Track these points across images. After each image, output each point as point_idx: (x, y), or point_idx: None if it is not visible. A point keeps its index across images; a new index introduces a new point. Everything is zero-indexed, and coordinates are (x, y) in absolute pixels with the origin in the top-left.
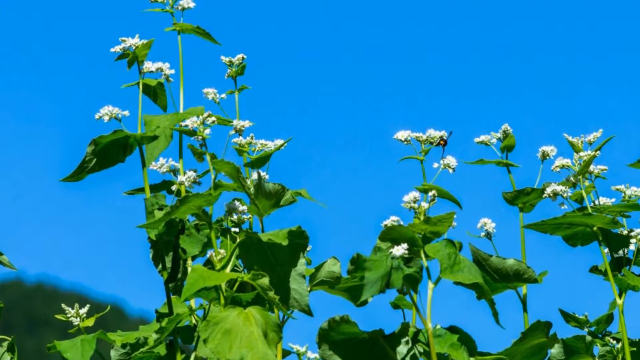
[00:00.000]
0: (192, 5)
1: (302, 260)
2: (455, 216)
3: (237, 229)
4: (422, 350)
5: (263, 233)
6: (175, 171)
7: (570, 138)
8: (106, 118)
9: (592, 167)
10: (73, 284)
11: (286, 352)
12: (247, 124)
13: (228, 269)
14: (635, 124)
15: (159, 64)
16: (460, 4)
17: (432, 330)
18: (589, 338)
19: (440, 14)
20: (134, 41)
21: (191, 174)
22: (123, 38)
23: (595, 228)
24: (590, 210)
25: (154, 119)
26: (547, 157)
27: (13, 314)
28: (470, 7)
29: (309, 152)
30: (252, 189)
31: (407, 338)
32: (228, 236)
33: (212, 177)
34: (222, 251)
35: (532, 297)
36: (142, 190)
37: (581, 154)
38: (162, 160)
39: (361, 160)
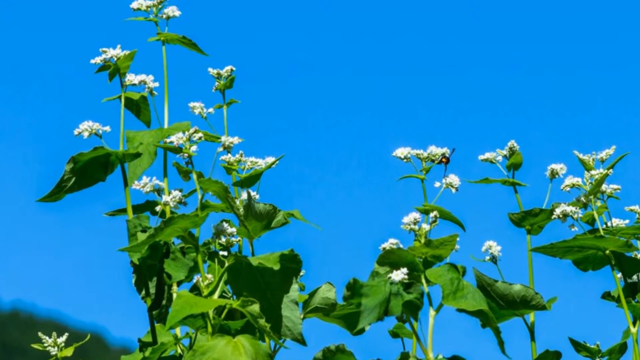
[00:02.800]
0: (177, 14)
1: (294, 286)
2: (458, 239)
3: (225, 253)
4: None
5: (253, 257)
6: (159, 191)
7: (580, 155)
8: (86, 134)
9: (604, 187)
10: (50, 311)
11: None
12: (236, 140)
13: (216, 295)
14: None
15: (142, 77)
16: (464, 12)
17: None
18: None
19: (443, 23)
20: (115, 52)
21: (176, 193)
22: (104, 49)
23: (607, 251)
24: (602, 232)
25: (136, 135)
26: (557, 176)
27: None
28: (474, 16)
29: (303, 170)
30: (241, 209)
31: None
32: (216, 260)
33: (199, 197)
34: (209, 276)
35: (540, 325)
36: (124, 211)
37: (593, 172)
38: (145, 179)
39: (358, 179)
